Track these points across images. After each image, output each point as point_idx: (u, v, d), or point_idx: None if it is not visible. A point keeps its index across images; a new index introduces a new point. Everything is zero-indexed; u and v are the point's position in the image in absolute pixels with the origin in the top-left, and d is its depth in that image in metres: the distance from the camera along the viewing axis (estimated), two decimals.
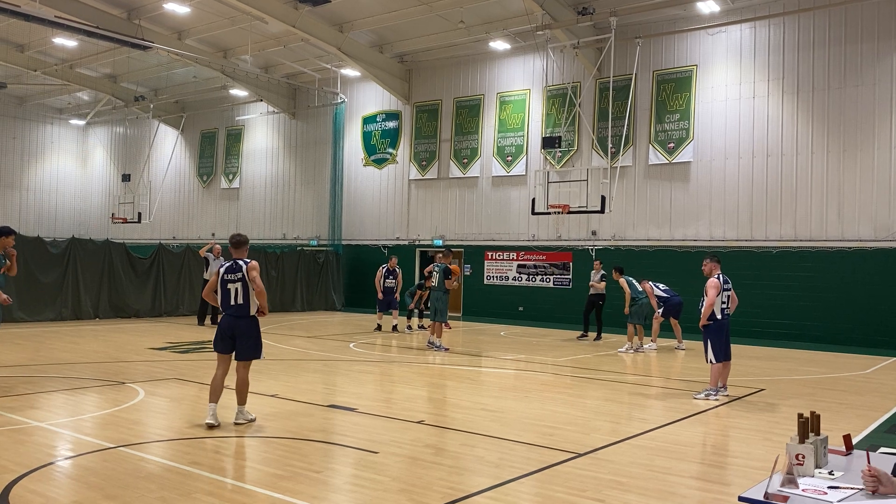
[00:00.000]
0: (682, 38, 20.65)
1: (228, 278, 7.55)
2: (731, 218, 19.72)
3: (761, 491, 3.20)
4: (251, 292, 7.49)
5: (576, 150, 22.25)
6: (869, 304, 17.67)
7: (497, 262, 23.67)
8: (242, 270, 7.51)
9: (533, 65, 23.11)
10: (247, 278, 7.49)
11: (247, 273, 7.49)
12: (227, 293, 7.56)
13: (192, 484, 5.61)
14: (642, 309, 15.69)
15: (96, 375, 10.52)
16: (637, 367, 13.43)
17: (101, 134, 37.38)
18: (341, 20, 23.16)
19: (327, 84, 27.21)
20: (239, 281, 7.50)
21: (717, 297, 9.81)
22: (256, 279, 7.47)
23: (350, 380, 11.26)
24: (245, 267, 7.52)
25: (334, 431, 7.60)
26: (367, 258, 26.57)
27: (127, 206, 30.38)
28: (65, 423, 7.63)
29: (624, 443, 7.28)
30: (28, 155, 36.43)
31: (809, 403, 9.51)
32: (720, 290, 9.83)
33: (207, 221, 32.29)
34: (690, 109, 20.37)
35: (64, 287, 19.28)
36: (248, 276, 7.49)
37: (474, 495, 5.48)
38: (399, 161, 26.29)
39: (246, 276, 7.49)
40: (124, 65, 28.25)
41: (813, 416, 3.71)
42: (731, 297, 10.21)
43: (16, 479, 5.60)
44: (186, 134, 32.88)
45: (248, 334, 7.58)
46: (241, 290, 7.50)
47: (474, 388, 10.69)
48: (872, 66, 18.00)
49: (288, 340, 16.07)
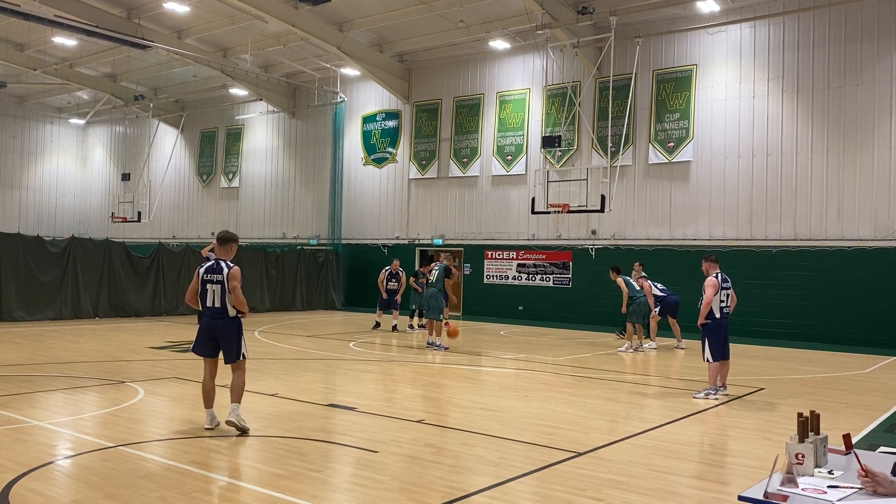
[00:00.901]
0: (682, 37, 20.64)
1: (207, 279, 7.29)
2: (730, 217, 19.72)
3: (761, 490, 3.20)
4: (228, 296, 7.24)
5: (575, 149, 22.25)
6: (869, 304, 17.67)
7: (497, 261, 23.67)
8: (223, 274, 7.25)
9: (533, 64, 23.11)
10: (226, 285, 7.23)
11: (226, 280, 7.22)
12: (205, 293, 7.31)
13: (192, 483, 5.61)
14: (640, 308, 15.69)
15: (96, 375, 10.52)
16: (637, 367, 13.43)
17: (101, 133, 37.37)
18: (341, 19, 23.16)
19: (327, 83, 27.20)
20: (218, 283, 7.25)
21: (714, 295, 9.88)
22: (236, 289, 7.19)
23: (350, 379, 11.26)
24: (226, 272, 7.24)
25: (334, 431, 7.60)
26: (366, 257, 26.59)
27: (127, 205, 30.41)
28: (64, 423, 7.63)
29: (624, 442, 7.28)
30: (28, 154, 36.42)
31: (809, 403, 9.52)
32: (718, 288, 9.92)
33: (207, 221, 32.29)
34: (690, 109, 20.37)
35: (64, 286, 19.28)
36: (227, 283, 7.21)
37: (474, 494, 5.48)
38: (399, 160, 26.29)
39: (226, 282, 7.23)
40: (124, 64, 28.24)
41: (812, 415, 3.71)
42: (731, 296, 10.24)
43: (16, 478, 5.60)
44: (186, 133, 32.87)
45: (228, 335, 7.29)
46: (219, 293, 7.25)
47: (474, 387, 10.69)
48: (872, 65, 18.00)
49: (288, 340, 16.07)
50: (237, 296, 7.20)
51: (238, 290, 7.21)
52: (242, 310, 7.32)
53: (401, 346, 15.69)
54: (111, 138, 37.09)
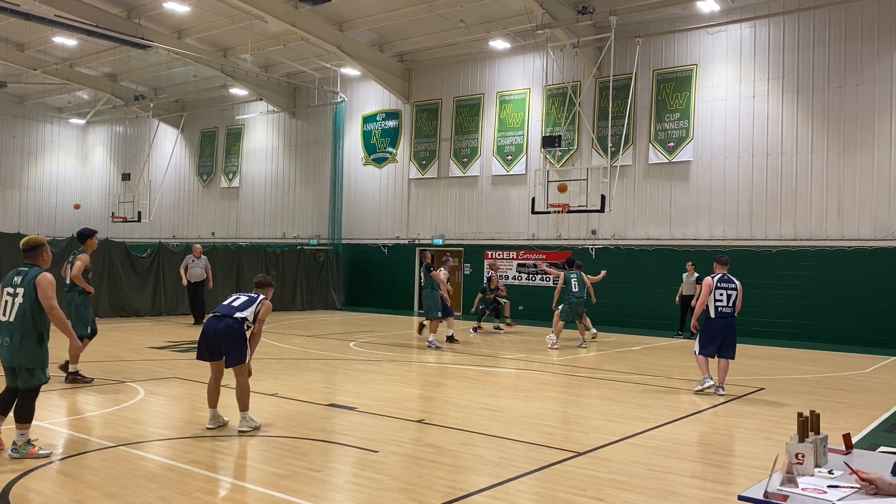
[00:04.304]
0: (682, 37, 20.64)
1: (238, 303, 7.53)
2: (730, 217, 19.72)
3: (761, 490, 3.20)
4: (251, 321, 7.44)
5: (576, 149, 22.25)
6: (869, 304, 17.67)
7: (497, 261, 23.66)
8: (255, 302, 7.49)
9: (533, 64, 23.11)
10: (254, 314, 7.42)
11: (257, 309, 7.44)
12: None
13: (192, 483, 5.61)
14: (573, 308, 15.82)
15: (96, 374, 10.52)
16: (636, 367, 13.43)
17: (101, 133, 37.37)
18: (341, 19, 23.16)
19: (327, 83, 27.20)
20: (249, 308, 7.46)
21: (708, 295, 10.26)
22: (261, 326, 7.47)
23: (350, 379, 11.26)
24: (257, 301, 7.50)
25: (334, 430, 7.60)
26: (366, 257, 26.58)
27: (127, 205, 30.39)
28: (65, 422, 7.63)
29: (623, 442, 7.28)
30: (28, 154, 36.42)
31: (809, 402, 9.52)
32: (712, 289, 10.24)
33: (207, 220, 32.30)
34: (690, 109, 20.37)
35: (64, 286, 19.25)
36: (256, 314, 7.43)
37: (474, 494, 5.48)
38: (399, 160, 26.28)
39: (255, 313, 7.43)
40: (124, 64, 28.23)
41: (812, 415, 3.71)
42: (734, 296, 10.30)
43: (16, 477, 5.61)
44: (186, 133, 32.87)
45: (231, 339, 7.30)
46: (244, 303, 7.50)
47: (474, 387, 10.69)
48: (872, 65, 18.00)
49: (288, 339, 16.07)
50: (257, 336, 7.45)
51: (260, 328, 7.49)
52: (253, 346, 7.51)
53: (400, 346, 15.69)
54: (111, 138, 37.09)
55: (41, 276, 6.25)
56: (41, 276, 6.24)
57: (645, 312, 20.62)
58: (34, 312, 6.19)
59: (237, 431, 7.28)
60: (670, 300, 18.98)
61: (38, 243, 6.48)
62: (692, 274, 18.09)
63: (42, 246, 6.49)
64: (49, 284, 6.22)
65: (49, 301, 6.18)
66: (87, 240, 10.46)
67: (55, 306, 6.21)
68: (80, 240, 10.55)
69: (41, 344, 6.26)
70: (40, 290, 6.19)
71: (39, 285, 6.20)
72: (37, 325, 6.21)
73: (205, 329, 7.43)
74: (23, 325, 6.17)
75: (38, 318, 6.21)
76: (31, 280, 6.23)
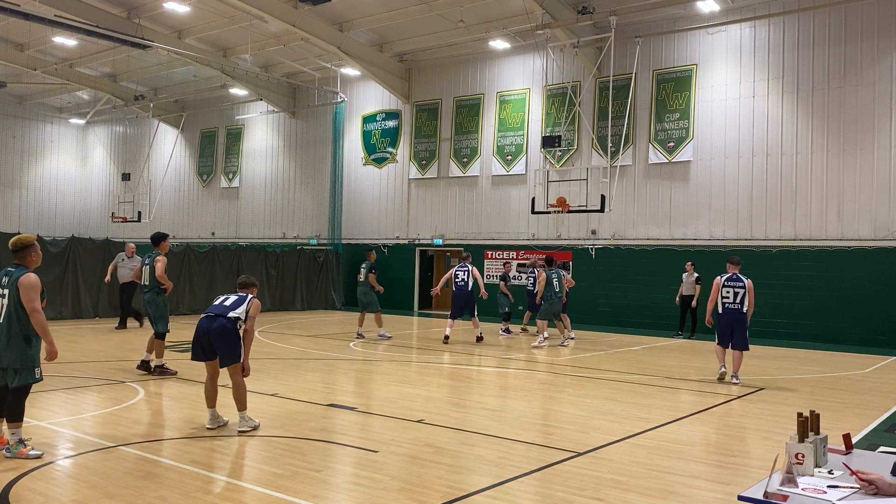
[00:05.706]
0: (682, 37, 20.64)
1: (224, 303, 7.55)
2: (730, 217, 19.73)
3: (761, 490, 3.20)
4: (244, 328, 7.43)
5: (575, 149, 22.25)
6: (868, 304, 17.67)
7: (497, 261, 23.66)
8: (245, 301, 7.49)
9: (533, 64, 23.11)
10: (245, 313, 7.42)
11: (247, 308, 7.44)
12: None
13: (192, 483, 5.61)
14: (552, 306, 15.97)
15: (96, 374, 10.52)
16: (636, 367, 13.42)
17: (101, 133, 37.37)
18: (341, 19, 23.16)
19: (327, 83, 27.20)
20: (240, 306, 7.47)
21: (715, 294, 11.31)
22: (252, 323, 7.40)
23: (350, 379, 11.26)
24: (247, 300, 7.50)
25: (334, 430, 7.59)
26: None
27: (127, 205, 30.40)
28: (65, 422, 7.63)
29: (623, 442, 7.28)
30: (28, 154, 36.43)
31: (809, 402, 9.53)
32: (719, 287, 11.32)
33: (207, 220, 32.30)
34: (690, 109, 20.37)
35: (63, 286, 19.27)
36: (247, 312, 7.43)
37: (474, 494, 5.48)
38: (399, 160, 26.29)
39: (245, 311, 7.42)
40: (124, 64, 28.24)
41: (812, 415, 3.71)
42: (743, 294, 11.20)
43: (16, 478, 5.61)
44: (186, 133, 32.87)
45: (223, 339, 7.29)
46: (235, 302, 7.52)
47: (474, 387, 10.69)
48: (872, 65, 18.00)
49: (288, 339, 16.07)
50: (250, 333, 7.40)
51: (252, 325, 7.42)
52: (247, 348, 7.47)
53: (400, 345, 15.69)
54: (111, 138, 37.09)
55: (23, 277, 6.20)
56: (24, 278, 6.19)
57: (645, 312, 20.62)
58: (18, 314, 6.17)
59: (237, 431, 7.29)
60: (670, 300, 18.99)
61: (26, 244, 6.39)
62: (692, 274, 18.10)
63: (31, 246, 6.41)
64: (31, 286, 6.17)
65: (31, 303, 6.15)
66: (160, 242, 11.29)
67: (37, 308, 6.17)
68: (155, 242, 11.29)
69: (28, 344, 6.23)
70: (22, 291, 6.14)
71: (21, 286, 6.15)
72: (22, 326, 6.18)
73: (198, 329, 7.43)
74: (9, 326, 6.16)
75: (23, 319, 6.18)
76: (14, 281, 6.20)
